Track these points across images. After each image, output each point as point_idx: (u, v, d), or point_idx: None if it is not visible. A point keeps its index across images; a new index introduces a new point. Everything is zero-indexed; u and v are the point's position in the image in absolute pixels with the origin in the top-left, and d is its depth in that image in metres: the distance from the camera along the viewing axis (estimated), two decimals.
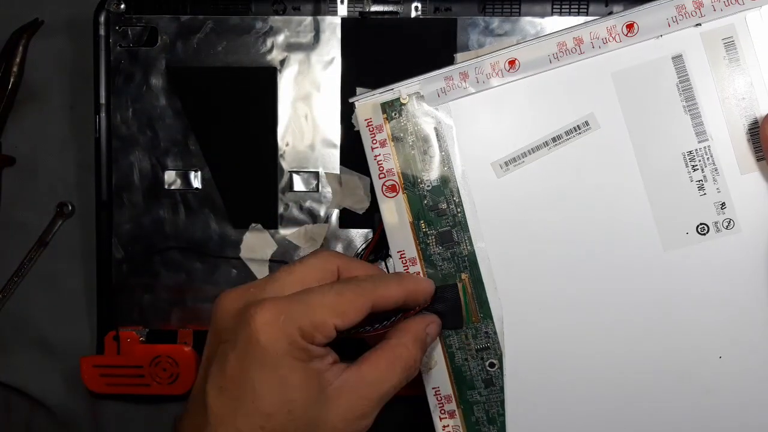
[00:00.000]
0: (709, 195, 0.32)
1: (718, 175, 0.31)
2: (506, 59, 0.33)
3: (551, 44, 0.32)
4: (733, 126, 0.31)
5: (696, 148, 0.32)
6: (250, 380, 0.29)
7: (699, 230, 0.32)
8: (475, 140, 0.34)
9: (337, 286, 0.31)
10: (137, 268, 0.48)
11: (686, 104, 0.32)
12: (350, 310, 0.30)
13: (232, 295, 0.32)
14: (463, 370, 0.34)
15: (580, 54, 0.32)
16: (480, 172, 0.34)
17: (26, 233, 0.51)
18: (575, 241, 0.33)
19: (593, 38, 0.32)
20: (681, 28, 0.31)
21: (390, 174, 0.35)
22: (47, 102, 0.51)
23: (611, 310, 0.33)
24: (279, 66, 0.47)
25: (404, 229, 0.34)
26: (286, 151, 0.48)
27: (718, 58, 0.31)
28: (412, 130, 0.35)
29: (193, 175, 0.48)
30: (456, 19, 0.47)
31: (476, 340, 0.34)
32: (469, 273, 0.34)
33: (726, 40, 0.31)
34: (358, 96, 0.35)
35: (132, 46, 0.48)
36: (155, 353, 0.47)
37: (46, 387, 0.51)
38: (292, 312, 0.29)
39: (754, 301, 0.32)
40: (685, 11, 0.31)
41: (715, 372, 0.32)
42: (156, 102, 0.48)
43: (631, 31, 0.32)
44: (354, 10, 0.47)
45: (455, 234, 0.34)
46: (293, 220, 0.48)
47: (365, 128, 0.35)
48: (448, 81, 0.34)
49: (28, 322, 0.51)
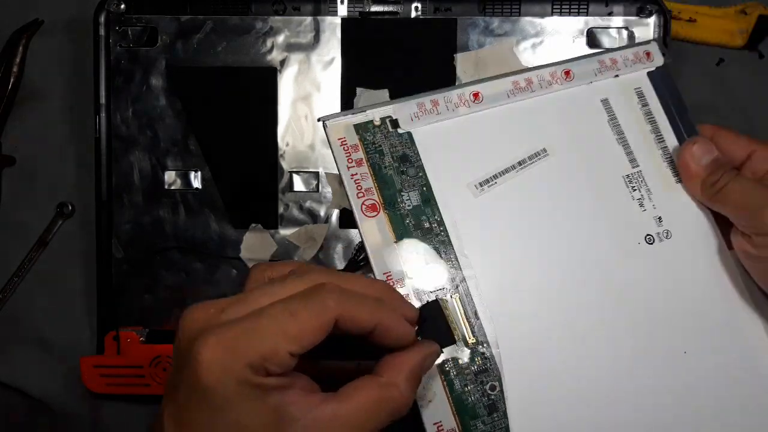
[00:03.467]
0: (648, 211, 0.36)
1: (651, 194, 0.36)
2: (471, 92, 0.37)
3: (507, 82, 0.37)
4: (653, 154, 0.37)
5: (631, 172, 0.37)
6: (201, 424, 0.27)
7: (647, 240, 0.36)
8: (450, 163, 0.36)
9: (292, 305, 0.27)
10: (137, 268, 0.48)
11: (617, 137, 0.37)
12: (305, 333, 0.26)
13: (193, 314, 0.28)
14: (464, 397, 0.33)
15: (531, 92, 0.37)
16: (457, 192, 0.35)
17: (26, 233, 0.51)
18: (548, 256, 0.35)
19: (540, 80, 0.37)
20: (605, 78, 0.38)
21: (369, 193, 0.34)
22: (47, 102, 0.51)
23: (584, 319, 0.35)
24: (279, 66, 0.47)
25: (389, 249, 0.34)
26: (286, 151, 0.48)
27: (633, 103, 0.38)
28: (387, 151, 0.35)
29: (193, 175, 0.48)
30: (456, 19, 0.47)
31: (473, 363, 0.33)
32: (458, 293, 0.34)
33: (636, 89, 0.38)
34: (328, 115, 0.35)
35: (132, 46, 0.48)
36: (155, 353, 0.47)
37: (46, 387, 0.51)
38: (237, 346, 0.26)
39: (701, 298, 0.36)
40: (605, 65, 0.38)
41: (682, 365, 0.35)
42: (156, 102, 0.48)
43: (568, 77, 0.37)
44: (354, 10, 0.47)
45: (441, 253, 0.34)
46: (293, 220, 0.48)
47: (339, 147, 0.35)
48: (421, 107, 0.36)
49: (28, 322, 0.51)
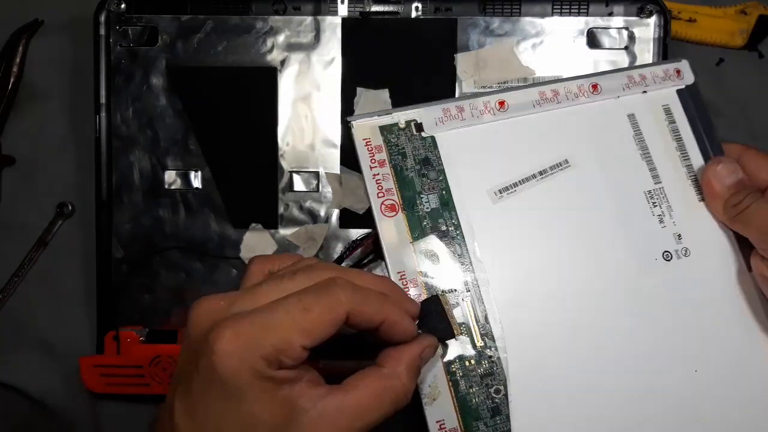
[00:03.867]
0: (668, 227, 0.36)
1: (672, 210, 0.37)
2: (497, 100, 0.37)
3: (534, 92, 0.37)
4: (678, 172, 0.37)
5: (653, 188, 0.37)
6: (214, 413, 0.27)
7: (665, 257, 0.36)
8: (471, 168, 0.36)
9: (306, 299, 0.28)
10: (137, 268, 0.48)
11: (641, 152, 0.37)
12: (318, 327, 0.28)
13: (204, 305, 0.29)
14: (468, 398, 0.34)
15: (557, 103, 0.37)
16: (476, 197, 0.36)
17: (26, 233, 0.50)
18: (564, 267, 0.35)
19: (567, 92, 0.38)
20: (632, 93, 0.38)
21: (389, 193, 0.35)
22: (47, 102, 0.51)
23: (595, 331, 0.35)
24: (279, 66, 0.47)
25: (405, 248, 0.35)
26: (286, 151, 0.48)
27: (660, 120, 0.38)
28: (410, 154, 0.36)
29: (193, 175, 0.48)
30: (456, 19, 0.47)
31: (480, 366, 0.34)
32: (470, 296, 0.35)
33: (665, 106, 0.38)
34: (355, 116, 0.36)
35: (132, 45, 0.47)
36: (155, 353, 0.47)
37: (46, 387, 0.51)
38: (253, 338, 0.27)
39: (717, 317, 0.36)
40: (633, 80, 0.38)
41: (692, 384, 0.35)
42: (156, 102, 0.48)
43: (595, 90, 0.38)
44: (354, 10, 0.47)
45: (456, 256, 0.35)
46: (293, 220, 0.48)
47: (364, 147, 0.36)
48: (446, 112, 0.37)
49: (28, 322, 0.51)
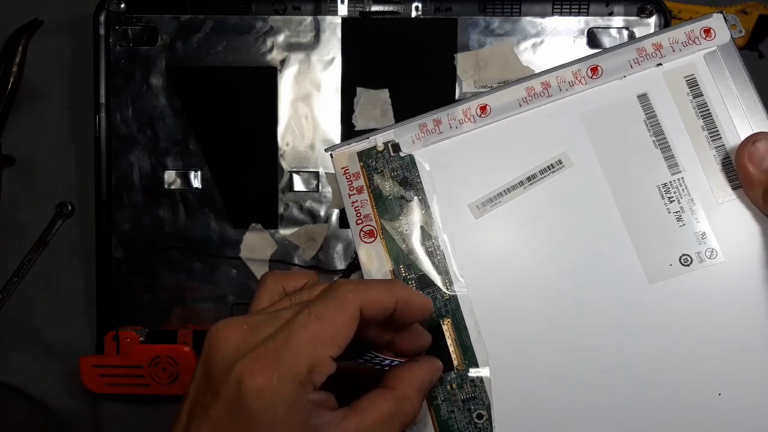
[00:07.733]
0: (688, 225, 0.31)
1: (695, 205, 0.32)
2: (477, 105, 0.34)
3: (520, 90, 0.33)
4: (704, 157, 0.32)
5: (670, 180, 0.32)
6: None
7: (682, 261, 0.31)
8: (451, 183, 0.34)
9: (315, 308, 0.27)
10: (137, 268, 0.48)
11: (655, 139, 0.32)
12: (337, 332, 0.27)
13: (226, 331, 0.28)
14: (449, 423, 0.32)
15: (548, 97, 0.33)
16: (458, 214, 0.34)
17: (26, 233, 0.51)
18: (558, 280, 0.32)
19: (560, 82, 0.33)
20: (643, 69, 0.32)
21: (367, 219, 0.34)
22: (47, 102, 0.51)
23: (600, 350, 0.32)
24: (279, 66, 0.47)
25: (383, 275, 0.34)
26: (286, 151, 0.47)
27: (682, 95, 0.32)
28: (389, 176, 0.35)
29: (193, 175, 0.48)
30: (456, 19, 0.47)
31: (462, 390, 0.32)
32: (451, 317, 0.33)
33: (688, 77, 0.32)
34: (334, 146, 0.35)
35: (132, 45, 0.47)
36: (155, 353, 0.47)
37: (46, 387, 0.51)
38: (283, 365, 0.26)
39: (747, 332, 0.30)
40: (645, 53, 0.32)
41: (715, 410, 0.30)
42: (156, 102, 0.48)
43: (595, 74, 0.33)
44: (354, 10, 0.47)
45: (436, 277, 0.34)
46: (293, 220, 0.48)
47: (342, 176, 0.35)
48: (422, 128, 0.34)
49: (28, 322, 0.51)
